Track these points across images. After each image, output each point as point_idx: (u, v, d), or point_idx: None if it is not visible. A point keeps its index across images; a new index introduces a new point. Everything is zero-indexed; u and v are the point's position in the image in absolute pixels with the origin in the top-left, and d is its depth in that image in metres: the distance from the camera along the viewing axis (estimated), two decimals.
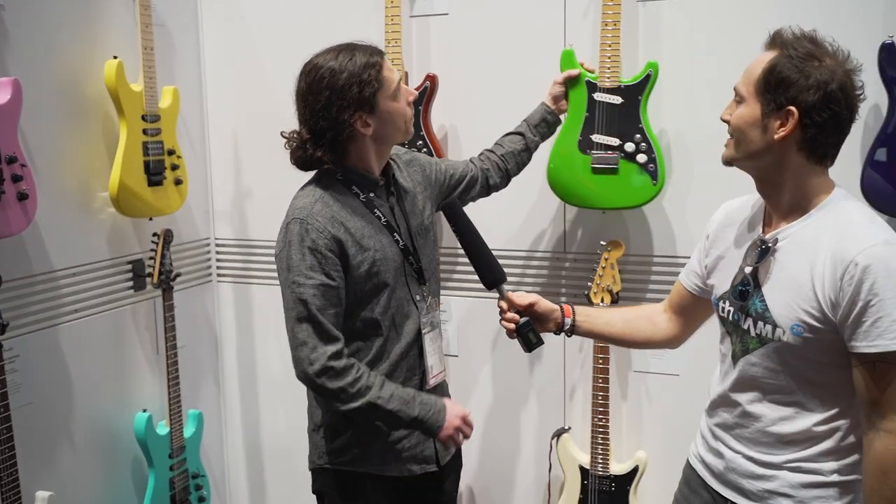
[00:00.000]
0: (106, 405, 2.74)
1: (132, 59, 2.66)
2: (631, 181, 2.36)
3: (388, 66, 1.89)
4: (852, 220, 1.55)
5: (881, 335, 1.47)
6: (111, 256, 2.74)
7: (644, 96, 2.38)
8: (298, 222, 1.84)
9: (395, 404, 1.86)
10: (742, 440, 1.69)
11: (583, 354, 2.75)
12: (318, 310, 1.81)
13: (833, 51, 1.56)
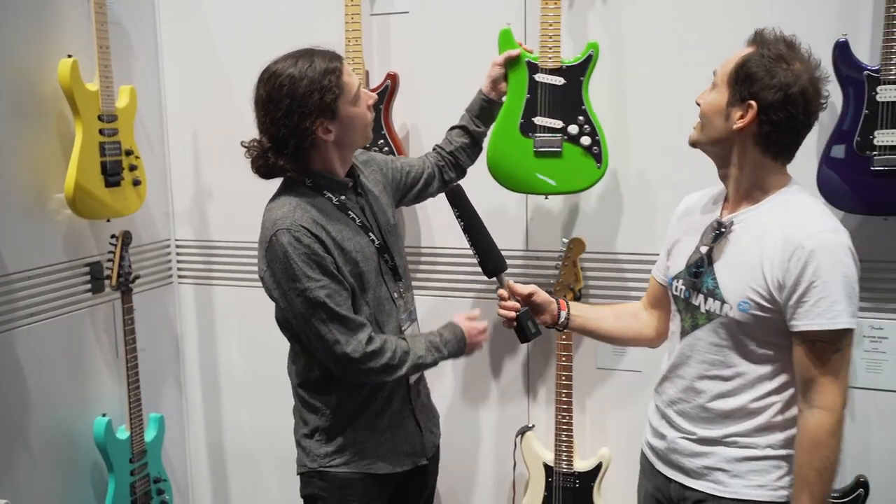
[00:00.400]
0: (64, 410, 2.69)
1: (87, 58, 2.61)
2: (575, 165, 2.31)
3: (347, 70, 1.88)
4: (804, 209, 1.66)
5: (821, 314, 1.57)
6: (68, 259, 2.70)
7: (586, 77, 2.33)
8: (286, 232, 1.81)
9: (432, 356, 1.96)
10: (683, 415, 1.79)
11: (546, 352, 2.76)
12: (338, 305, 1.83)
13: (806, 57, 1.65)
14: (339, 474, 1.98)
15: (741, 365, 1.69)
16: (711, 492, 1.73)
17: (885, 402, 2.44)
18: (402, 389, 2.04)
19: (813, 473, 1.60)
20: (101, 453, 2.70)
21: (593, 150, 2.32)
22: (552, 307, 1.97)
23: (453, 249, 2.81)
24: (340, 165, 1.94)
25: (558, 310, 1.97)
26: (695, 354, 1.76)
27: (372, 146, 2.69)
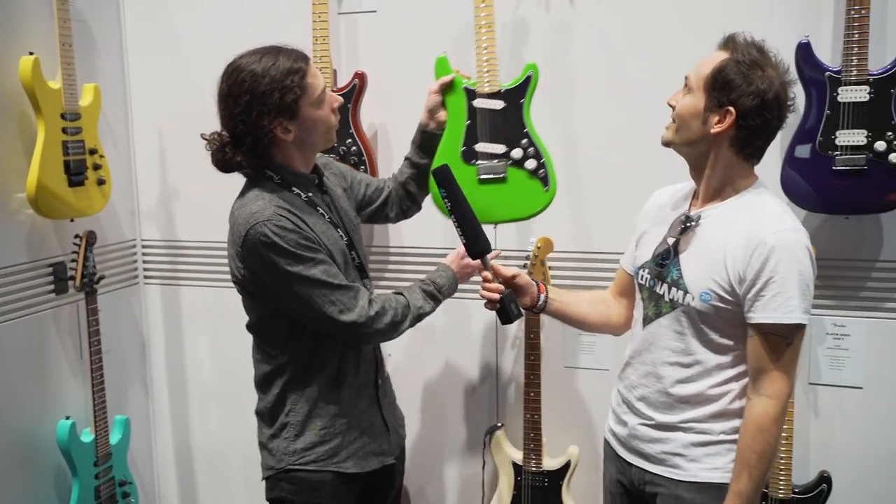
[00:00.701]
0: (27, 413, 2.65)
1: (50, 56, 2.57)
2: (521, 190, 2.20)
3: (312, 72, 1.86)
4: (768, 208, 1.74)
5: (776, 308, 1.66)
6: (30, 259, 2.65)
7: (526, 99, 2.26)
8: (266, 224, 1.79)
9: (430, 305, 2.01)
10: (643, 401, 1.86)
11: (515, 351, 2.77)
12: (333, 277, 1.84)
13: (776, 62, 1.73)
14: (307, 476, 1.97)
15: (701, 353, 1.77)
16: (670, 475, 1.82)
17: (848, 398, 2.48)
18: (370, 388, 2.05)
19: (754, 457, 1.69)
20: (65, 457, 2.66)
21: (539, 174, 2.24)
22: (532, 290, 2.01)
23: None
24: (302, 164, 1.93)
25: (538, 292, 2.02)
26: (657, 341, 1.83)
27: (340, 146, 2.68)
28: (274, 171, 1.89)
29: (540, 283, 2.04)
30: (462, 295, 2.78)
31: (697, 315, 1.75)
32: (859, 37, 2.20)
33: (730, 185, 1.77)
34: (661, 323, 1.82)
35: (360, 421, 2.01)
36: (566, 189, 2.65)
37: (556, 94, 2.61)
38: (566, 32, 2.59)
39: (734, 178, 1.77)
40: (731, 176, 1.76)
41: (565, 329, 2.70)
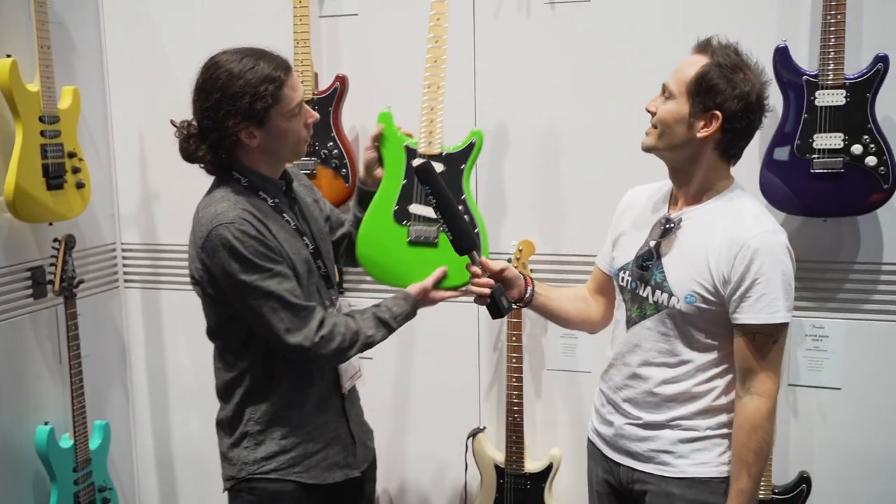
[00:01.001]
0: (5, 419, 2.62)
1: (28, 58, 2.55)
2: (451, 256, 1.95)
3: (291, 83, 1.81)
4: (747, 210, 1.78)
5: (762, 309, 1.70)
6: (8, 264, 2.63)
7: (468, 165, 2.14)
8: (229, 227, 1.75)
9: (381, 333, 1.93)
10: (629, 401, 1.88)
11: (497, 354, 2.77)
12: (288, 293, 1.78)
13: (753, 64, 1.76)
14: (268, 487, 1.91)
15: (686, 353, 1.80)
16: (659, 473, 1.84)
17: (826, 399, 2.50)
18: (336, 399, 1.99)
19: (751, 455, 1.73)
20: (44, 462, 2.63)
21: None
22: (520, 283, 2.01)
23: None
24: (268, 169, 1.88)
25: (525, 285, 2.02)
26: (642, 343, 1.85)
27: (322, 149, 2.67)
28: (241, 172, 1.85)
29: (527, 276, 2.05)
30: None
31: (682, 316, 1.78)
32: (836, 41, 2.22)
33: (710, 188, 1.80)
34: (646, 325, 1.84)
35: (324, 431, 1.96)
36: (542, 192, 2.66)
37: (533, 95, 2.62)
38: (544, 35, 2.60)
39: (714, 181, 1.80)
40: (712, 178, 1.79)
41: (547, 332, 2.71)
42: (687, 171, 1.80)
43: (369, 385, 2.94)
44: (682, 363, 1.81)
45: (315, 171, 2.68)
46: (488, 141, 2.68)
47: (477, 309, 2.77)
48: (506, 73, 2.65)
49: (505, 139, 2.66)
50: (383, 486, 2.97)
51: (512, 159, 2.68)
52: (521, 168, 2.67)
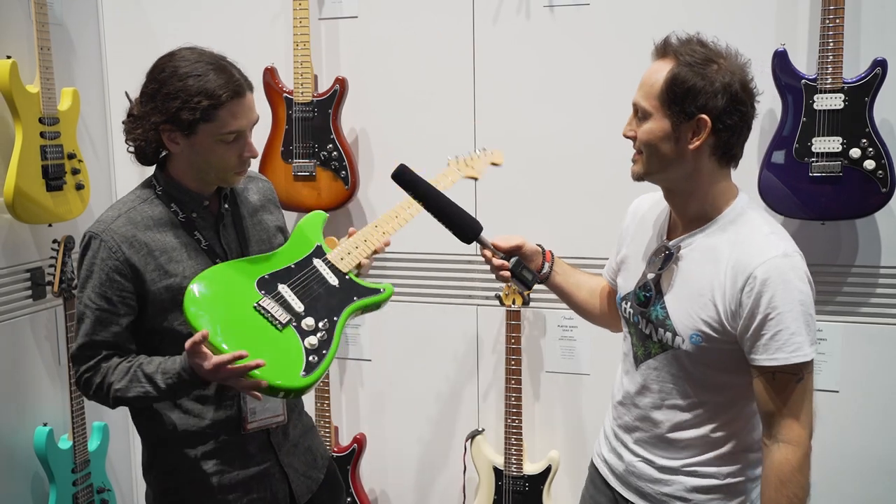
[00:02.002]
0: (3, 420, 2.62)
1: (28, 60, 2.56)
2: (284, 353, 1.66)
3: (234, 109, 1.64)
4: (753, 230, 1.57)
5: (780, 349, 1.49)
6: (7, 265, 2.63)
7: (356, 305, 1.76)
8: (93, 237, 1.68)
9: (136, 390, 1.64)
10: (641, 443, 1.72)
11: (496, 356, 2.77)
12: (88, 333, 1.67)
13: (723, 49, 1.57)
14: None
15: (698, 395, 1.63)
16: None
17: (824, 401, 2.50)
18: (261, 434, 1.80)
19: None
20: (42, 463, 2.63)
21: (310, 357, 1.66)
22: (538, 258, 1.87)
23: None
24: (193, 184, 1.74)
25: (543, 260, 1.87)
26: (651, 384, 1.69)
27: (321, 151, 2.68)
28: (158, 178, 1.75)
29: (547, 251, 1.89)
30: (442, 300, 2.80)
31: (690, 357, 1.60)
32: (834, 45, 2.23)
33: (711, 205, 1.60)
34: (652, 365, 1.67)
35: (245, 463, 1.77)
36: (543, 196, 2.66)
37: (533, 98, 2.62)
38: (544, 38, 2.60)
39: (716, 195, 1.60)
40: (712, 192, 1.60)
41: (546, 334, 2.72)
42: (685, 191, 1.61)
43: (368, 388, 2.95)
44: (696, 406, 1.63)
45: (314, 172, 2.69)
46: (487, 144, 2.69)
47: (476, 310, 2.78)
48: (505, 76, 2.65)
49: (506, 142, 2.65)
50: (382, 487, 2.97)
51: (513, 162, 2.67)
52: (521, 171, 2.68)
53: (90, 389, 1.70)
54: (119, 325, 1.68)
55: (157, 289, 1.68)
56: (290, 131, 2.69)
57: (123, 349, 1.71)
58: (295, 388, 1.63)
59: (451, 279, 2.78)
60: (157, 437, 1.78)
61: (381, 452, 2.94)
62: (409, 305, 2.84)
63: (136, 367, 1.66)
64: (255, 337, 1.63)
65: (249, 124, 1.69)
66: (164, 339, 1.71)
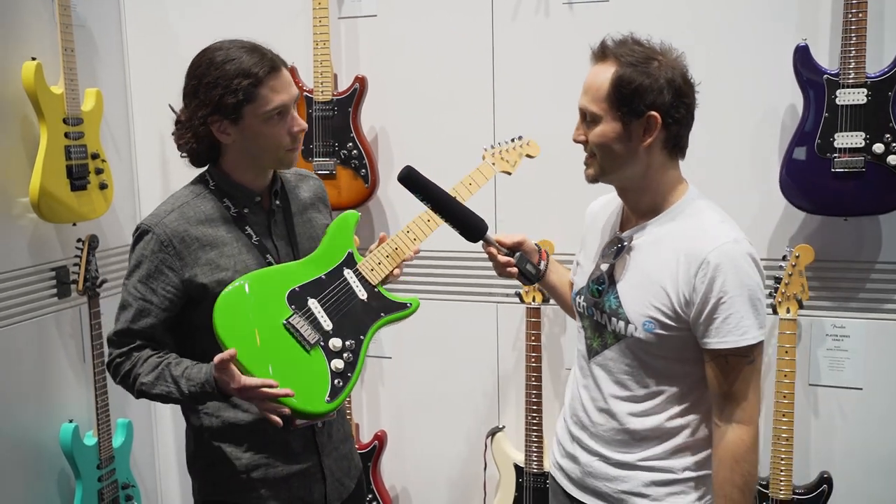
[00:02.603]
0: (30, 417, 2.66)
1: (52, 61, 2.59)
2: (311, 377, 1.67)
3: (274, 84, 1.66)
4: (704, 219, 1.61)
5: (731, 331, 1.54)
6: (33, 263, 2.67)
7: (384, 320, 1.81)
8: (146, 230, 1.70)
9: (161, 388, 1.68)
10: (597, 439, 1.71)
11: (516, 353, 2.78)
12: (128, 320, 1.71)
13: (658, 46, 1.61)
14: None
15: (653, 384, 1.65)
16: None
17: (848, 399, 2.49)
18: (307, 433, 1.81)
19: (736, 491, 1.56)
20: (68, 460, 2.67)
21: (335, 381, 1.68)
22: (535, 256, 1.85)
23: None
24: (251, 173, 1.76)
25: (539, 259, 1.86)
26: (606, 375, 1.70)
27: (341, 149, 2.69)
28: (212, 173, 1.77)
29: (543, 249, 1.88)
30: (463, 297, 2.81)
31: (643, 345, 1.62)
32: (857, 40, 2.21)
33: (662, 197, 1.64)
34: (608, 356, 1.68)
35: (289, 464, 1.79)
36: (561, 193, 2.66)
37: (552, 96, 2.62)
38: (563, 35, 2.60)
39: (666, 187, 1.64)
40: (664, 184, 1.63)
41: (566, 331, 2.72)
42: (639, 187, 1.64)
43: (388, 385, 2.96)
44: (651, 396, 1.65)
45: (335, 171, 2.70)
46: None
47: (496, 308, 2.78)
48: (524, 74, 2.65)
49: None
50: (403, 484, 2.99)
51: (531, 160, 2.68)
52: (540, 169, 2.67)
53: (118, 375, 1.75)
54: (158, 318, 1.71)
55: (209, 282, 1.70)
56: (310, 130, 2.70)
57: (159, 342, 1.74)
58: (319, 413, 1.65)
59: (472, 276, 2.79)
60: (204, 428, 1.79)
61: (401, 449, 2.95)
62: (430, 303, 2.85)
63: (165, 366, 1.69)
64: (283, 358, 1.64)
65: (291, 99, 1.70)
66: (206, 337, 1.68)
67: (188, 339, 1.77)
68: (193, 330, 1.75)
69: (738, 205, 2.25)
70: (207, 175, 1.78)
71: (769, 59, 2.39)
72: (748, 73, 2.43)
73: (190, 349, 1.75)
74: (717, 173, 2.42)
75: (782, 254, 2.39)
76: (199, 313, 1.71)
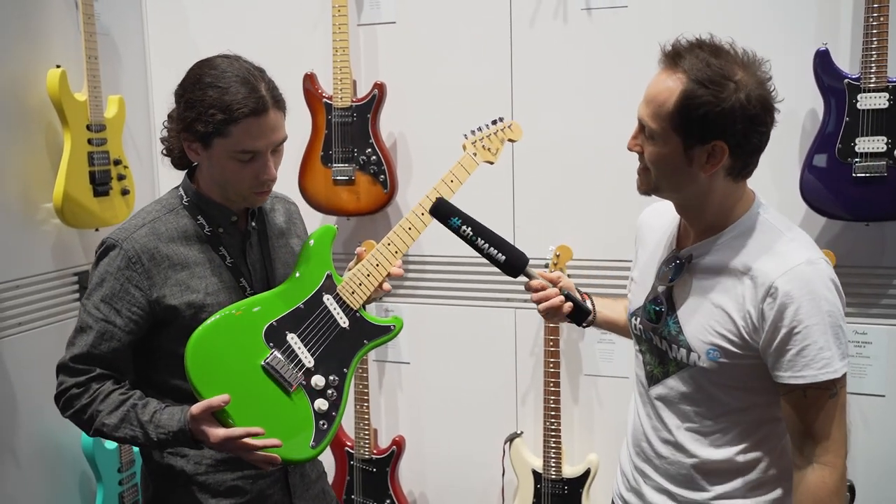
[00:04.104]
0: (52, 420, 2.68)
1: (76, 69, 2.62)
2: (294, 423, 1.59)
3: (251, 128, 1.53)
4: (774, 237, 1.46)
5: (808, 365, 1.39)
6: (56, 268, 2.70)
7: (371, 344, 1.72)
8: (112, 244, 1.58)
9: (126, 431, 1.55)
10: (663, 474, 1.58)
11: (534, 359, 2.77)
12: (88, 344, 1.57)
13: (740, 58, 1.42)
14: None
15: (722, 417, 1.50)
16: None
17: (870, 406, 2.46)
18: (280, 475, 1.72)
19: None
20: (90, 463, 2.69)
21: (321, 423, 1.60)
22: (576, 293, 1.73)
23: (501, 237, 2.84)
24: (219, 197, 1.65)
25: (582, 297, 1.74)
26: (668, 406, 1.56)
27: (360, 155, 2.71)
28: (186, 190, 1.67)
29: (583, 292, 1.76)
30: (481, 303, 2.81)
31: (707, 375, 1.47)
32: (878, 44, 2.19)
33: (724, 213, 1.48)
34: (669, 384, 1.54)
35: None
36: (579, 198, 2.66)
37: (570, 101, 2.62)
38: (581, 41, 2.60)
39: (730, 205, 1.48)
40: (727, 203, 1.48)
41: (584, 337, 2.71)
42: (699, 206, 1.49)
43: (407, 390, 2.97)
44: (720, 429, 1.50)
45: (354, 177, 2.71)
46: (525, 147, 2.70)
47: (514, 313, 2.78)
48: (543, 80, 2.66)
49: (542, 145, 2.66)
50: (421, 489, 2.99)
51: (550, 165, 2.69)
52: (558, 174, 2.68)
53: (70, 408, 1.60)
54: (122, 342, 1.58)
55: (178, 304, 1.59)
56: (329, 136, 2.72)
57: (121, 371, 1.61)
58: (304, 459, 1.59)
59: (490, 282, 2.79)
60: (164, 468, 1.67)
61: (419, 455, 2.96)
62: (448, 308, 2.86)
63: (131, 407, 1.56)
64: (264, 404, 1.55)
65: (269, 145, 1.57)
66: (169, 363, 1.60)
67: (148, 366, 1.65)
68: (155, 356, 1.64)
69: None
70: (182, 190, 1.68)
71: (789, 64, 2.38)
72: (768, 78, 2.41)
73: (147, 378, 1.65)
74: None
75: None
76: (163, 338, 1.61)
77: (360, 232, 2.88)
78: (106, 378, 1.59)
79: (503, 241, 1.66)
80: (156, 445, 1.56)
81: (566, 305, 1.65)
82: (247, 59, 1.62)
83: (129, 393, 1.59)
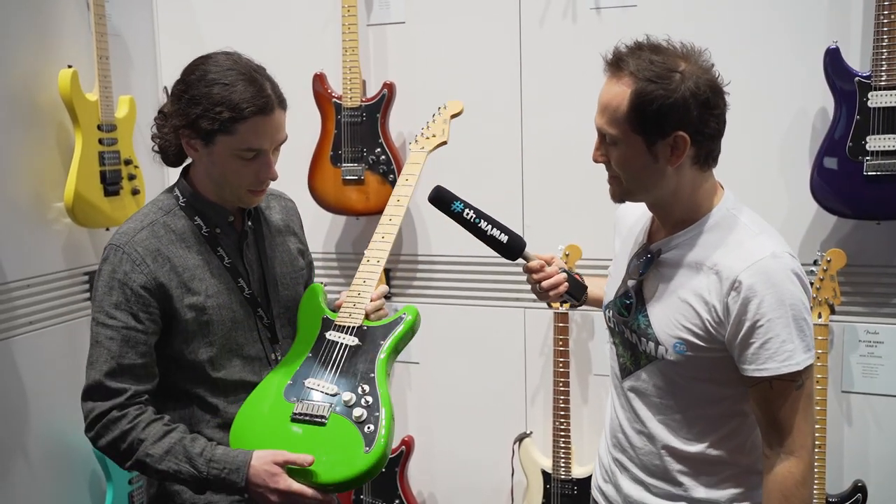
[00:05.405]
0: (62, 419, 2.69)
1: (87, 69, 2.64)
2: (339, 441, 1.58)
3: (258, 126, 1.53)
4: (740, 231, 1.48)
5: (771, 358, 1.40)
6: (67, 267, 2.71)
7: (390, 343, 1.71)
8: (115, 249, 1.57)
9: (171, 464, 1.52)
10: (638, 465, 1.60)
11: (543, 359, 2.77)
12: (115, 355, 1.54)
13: (679, 50, 1.45)
14: None
15: (690, 409, 1.52)
16: None
17: (882, 406, 2.45)
18: None
19: None
20: (100, 462, 2.70)
21: (365, 428, 1.57)
22: None
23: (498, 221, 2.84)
24: (215, 196, 1.64)
25: None
26: (639, 398, 1.58)
27: (369, 155, 2.71)
28: (182, 191, 1.66)
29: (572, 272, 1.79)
30: (490, 303, 2.81)
31: (675, 368, 1.49)
32: (889, 41, 2.19)
33: (694, 208, 1.50)
34: (641, 377, 1.56)
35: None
36: (588, 197, 2.65)
37: (579, 101, 2.62)
38: (591, 41, 2.60)
39: (699, 198, 1.50)
40: (696, 196, 1.50)
41: (594, 336, 2.71)
42: (669, 202, 1.51)
43: (416, 390, 2.97)
44: (690, 422, 1.52)
45: (363, 176, 2.72)
46: (534, 146, 2.71)
47: (523, 313, 2.78)
48: (552, 79, 2.66)
49: (551, 144, 2.67)
50: (430, 490, 2.98)
51: (559, 164, 2.69)
52: (567, 173, 2.68)
53: (108, 434, 1.53)
54: (147, 345, 1.56)
55: (181, 306, 1.58)
56: (338, 136, 2.73)
57: (151, 382, 1.59)
58: (365, 469, 1.54)
59: (499, 282, 2.79)
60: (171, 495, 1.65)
61: (429, 455, 2.95)
62: (457, 308, 2.86)
63: (178, 441, 1.53)
64: (310, 447, 1.55)
65: (272, 144, 1.58)
66: (180, 368, 1.62)
67: (167, 376, 1.63)
68: (163, 363, 1.62)
69: (769, 209, 2.22)
70: (178, 190, 1.67)
71: (799, 62, 2.38)
72: (778, 77, 2.42)
73: (167, 389, 1.63)
74: (747, 177, 2.40)
75: (813, 258, 2.36)
76: (171, 343, 1.60)
77: (370, 231, 2.85)
78: (140, 399, 1.56)
79: (502, 224, 1.69)
80: (199, 481, 1.52)
81: (565, 284, 1.69)
82: (246, 56, 1.61)
83: (172, 425, 1.57)
